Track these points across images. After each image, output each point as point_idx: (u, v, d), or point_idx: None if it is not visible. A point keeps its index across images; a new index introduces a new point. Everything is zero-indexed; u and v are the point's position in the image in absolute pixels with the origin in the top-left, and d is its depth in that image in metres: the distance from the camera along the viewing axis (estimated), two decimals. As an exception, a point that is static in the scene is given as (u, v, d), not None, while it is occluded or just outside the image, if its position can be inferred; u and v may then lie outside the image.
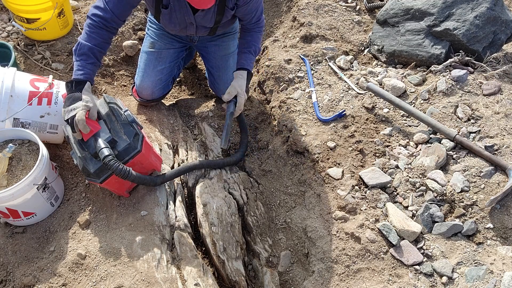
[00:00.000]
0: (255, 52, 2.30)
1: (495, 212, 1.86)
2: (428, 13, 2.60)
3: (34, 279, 1.80)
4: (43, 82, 2.12)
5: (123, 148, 1.84)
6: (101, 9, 1.96)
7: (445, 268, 1.76)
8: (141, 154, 1.88)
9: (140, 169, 1.93)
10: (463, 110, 2.23)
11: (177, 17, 2.12)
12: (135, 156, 1.86)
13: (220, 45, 2.49)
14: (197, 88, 3.16)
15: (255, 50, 2.30)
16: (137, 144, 1.87)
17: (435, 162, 2.04)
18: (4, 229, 1.99)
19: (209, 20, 2.14)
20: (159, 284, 1.74)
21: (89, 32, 1.96)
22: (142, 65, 2.47)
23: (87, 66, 1.93)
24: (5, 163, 1.91)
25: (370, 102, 2.39)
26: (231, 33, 2.51)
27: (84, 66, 1.93)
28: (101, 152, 1.75)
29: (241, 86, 2.19)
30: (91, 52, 1.94)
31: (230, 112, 2.17)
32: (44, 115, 2.08)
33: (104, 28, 1.98)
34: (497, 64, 2.47)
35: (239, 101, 2.19)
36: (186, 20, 2.14)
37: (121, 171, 1.75)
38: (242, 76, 2.22)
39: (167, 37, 2.44)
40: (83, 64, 1.93)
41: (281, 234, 2.15)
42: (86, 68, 1.93)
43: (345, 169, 2.15)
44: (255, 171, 2.41)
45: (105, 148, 1.76)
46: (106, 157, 1.74)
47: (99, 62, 2.00)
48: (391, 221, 1.91)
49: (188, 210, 2.15)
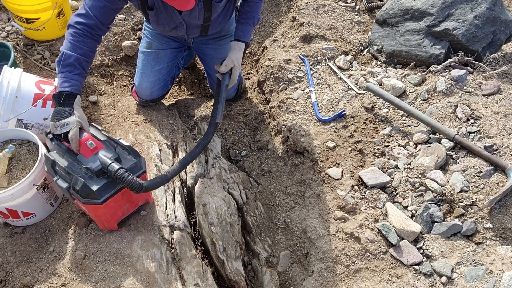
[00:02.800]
0: (254, 23, 2.26)
1: (494, 212, 1.86)
2: (427, 13, 2.60)
3: (34, 279, 1.80)
4: (49, 85, 2.12)
5: (129, 167, 1.74)
6: (84, 16, 1.87)
7: (445, 268, 1.76)
8: (145, 175, 1.81)
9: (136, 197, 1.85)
10: (463, 110, 2.23)
11: (164, 18, 2.11)
12: (140, 176, 1.77)
13: (216, 49, 2.48)
14: (196, 88, 3.16)
15: (254, 21, 2.25)
16: (143, 165, 1.80)
17: (434, 162, 2.04)
18: (3, 229, 1.99)
19: (197, 17, 2.11)
20: (159, 284, 1.74)
21: (73, 41, 1.85)
22: (140, 66, 2.46)
23: (74, 78, 1.82)
24: (5, 163, 1.91)
25: (369, 102, 2.39)
26: (227, 36, 2.49)
27: (70, 78, 1.81)
28: (111, 166, 1.64)
29: (238, 58, 2.18)
30: (77, 62, 1.83)
31: (226, 84, 2.17)
32: (48, 118, 2.08)
33: (89, 36, 1.89)
34: (497, 64, 2.47)
35: (234, 73, 2.18)
36: (175, 20, 2.12)
37: (136, 183, 1.65)
38: (239, 48, 2.20)
39: (163, 37, 2.43)
40: (70, 76, 1.81)
41: (281, 234, 2.15)
42: (73, 79, 1.81)
43: (345, 169, 2.15)
44: (255, 171, 2.41)
45: (114, 162, 1.66)
46: (119, 170, 1.63)
47: (85, 73, 1.89)
48: (391, 221, 1.91)
49: (187, 210, 2.15)
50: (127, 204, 1.85)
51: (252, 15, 2.23)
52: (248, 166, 2.44)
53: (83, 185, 1.66)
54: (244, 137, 2.64)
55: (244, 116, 2.75)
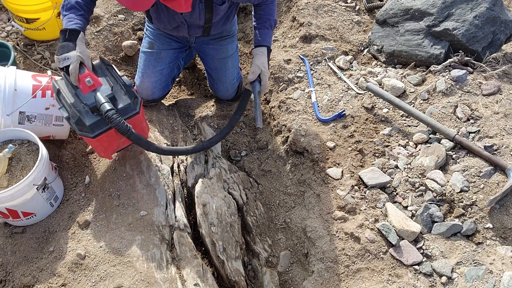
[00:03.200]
0: (271, 26, 2.22)
1: (494, 212, 1.86)
2: (427, 13, 2.60)
3: (34, 279, 1.80)
4: (44, 77, 2.16)
5: (123, 107, 1.87)
6: None
7: (445, 268, 1.76)
8: (138, 117, 1.92)
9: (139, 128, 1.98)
10: (463, 110, 2.23)
11: (166, 16, 2.11)
12: (132, 117, 1.90)
13: (218, 49, 2.48)
14: (196, 88, 3.16)
15: (271, 24, 2.21)
16: (137, 106, 1.91)
17: (434, 162, 2.04)
18: (3, 229, 1.99)
19: (198, 18, 2.10)
20: (159, 284, 1.74)
21: None
22: (142, 66, 2.46)
23: (77, 18, 1.91)
24: (5, 163, 1.91)
25: (369, 102, 2.39)
26: (228, 36, 2.49)
27: (73, 18, 1.91)
28: (102, 106, 1.77)
29: (263, 63, 2.16)
30: (78, 5, 1.92)
31: (258, 91, 2.17)
32: (49, 107, 2.11)
33: None
34: (497, 64, 2.47)
35: (263, 79, 2.17)
36: (177, 20, 2.12)
37: (123, 126, 1.78)
38: (262, 53, 2.18)
39: (165, 38, 2.43)
40: (73, 16, 1.91)
41: (281, 234, 2.16)
42: (76, 19, 1.91)
43: (345, 169, 2.15)
44: (255, 171, 2.41)
45: (106, 102, 1.78)
46: (109, 111, 1.75)
47: (88, 16, 1.97)
48: (391, 221, 1.91)
49: (187, 210, 2.15)
50: (122, 138, 1.94)
51: (267, 17, 2.20)
52: (248, 166, 2.44)
53: (78, 119, 1.81)
54: (244, 137, 2.64)
55: (244, 116, 2.75)
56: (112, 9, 3.05)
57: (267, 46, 2.20)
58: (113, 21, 3.00)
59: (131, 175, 2.12)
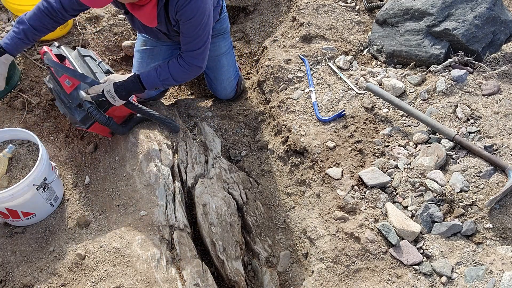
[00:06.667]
0: (160, 76, 2.03)
1: (494, 212, 1.86)
2: (427, 13, 2.60)
3: (34, 279, 1.80)
4: None
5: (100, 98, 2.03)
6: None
7: (445, 268, 1.76)
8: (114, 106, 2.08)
9: (119, 113, 2.21)
10: (463, 110, 2.23)
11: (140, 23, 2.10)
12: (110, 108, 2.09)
13: (210, 47, 2.47)
14: (196, 88, 3.16)
15: (160, 76, 2.02)
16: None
17: (434, 162, 2.04)
18: (3, 229, 1.99)
19: (165, 28, 2.08)
20: (159, 284, 1.74)
21: (34, 13, 2.00)
22: (136, 64, 2.45)
23: (14, 40, 2.00)
24: (5, 163, 1.91)
25: (369, 102, 2.39)
26: (220, 34, 2.46)
27: (12, 38, 2.00)
28: (84, 104, 1.99)
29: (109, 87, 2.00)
30: (24, 31, 1.99)
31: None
32: None
33: (49, 16, 2.00)
34: (497, 64, 2.47)
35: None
36: (153, 29, 2.12)
37: (103, 120, 2.02)
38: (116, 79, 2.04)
39: None
40: (12, 36, 2.00)
41: (281, 234, 2.16)
42: (13, 40, 2.00)
43: (345, 169, 2.15)
44: (255, 171, 2.41)
45: (86, 100, 1.98)
46: (89, 108, 1.98)
47: (29, 42, 2.04)
48: (391, 221, 1.91)
49: (187, 210, 2.15)
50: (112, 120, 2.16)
51: (164, 69, 2.04)
52: (248, 166, 2.44)
53: (70, 115, 2.11)
54: (244, 137, 2.64)
55: (244, 116, 2.75)
56: (112, 9, 3.05)
57: (138, 76, 2.04)
58: (113, 21, 3.00)
59: (131, 175, 2.12)
